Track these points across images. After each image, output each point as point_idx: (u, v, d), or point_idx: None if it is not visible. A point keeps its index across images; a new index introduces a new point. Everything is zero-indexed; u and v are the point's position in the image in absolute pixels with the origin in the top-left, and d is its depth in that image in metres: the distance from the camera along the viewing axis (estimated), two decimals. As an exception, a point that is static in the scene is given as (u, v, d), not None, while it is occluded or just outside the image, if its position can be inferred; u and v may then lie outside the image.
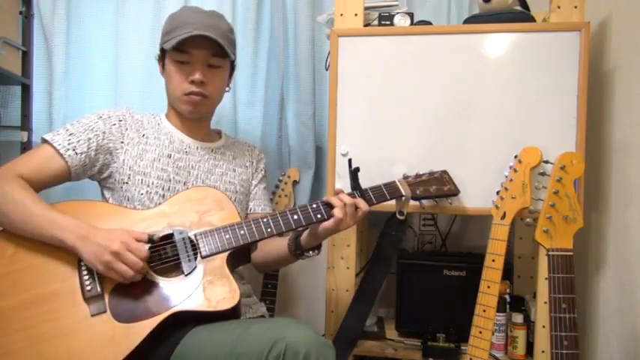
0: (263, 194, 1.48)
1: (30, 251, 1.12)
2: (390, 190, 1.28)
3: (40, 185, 1.21)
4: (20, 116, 1.87)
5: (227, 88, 1.40)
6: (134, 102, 1.86)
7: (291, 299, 2.05)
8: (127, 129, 1.30)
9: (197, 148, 1.36)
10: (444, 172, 1.37)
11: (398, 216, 1.33)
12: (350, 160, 1.28)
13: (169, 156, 1.31)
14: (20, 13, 1.84)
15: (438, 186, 1.32)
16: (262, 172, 1.50)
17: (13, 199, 1.13)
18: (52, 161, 1.22)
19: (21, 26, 1.84)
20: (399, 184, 1.30)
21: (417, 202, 1.37)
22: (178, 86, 1.30)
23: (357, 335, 1.47)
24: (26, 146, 1.85)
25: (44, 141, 1.24)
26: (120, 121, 1.30)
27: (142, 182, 1.26)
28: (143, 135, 1.32)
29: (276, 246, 1.33)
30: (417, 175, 1.35)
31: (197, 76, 1.27)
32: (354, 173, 1.25)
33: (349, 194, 1.22)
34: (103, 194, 1.33)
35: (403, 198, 1.29)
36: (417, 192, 1.30)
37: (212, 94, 1.33)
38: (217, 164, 1.38)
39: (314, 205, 1.21)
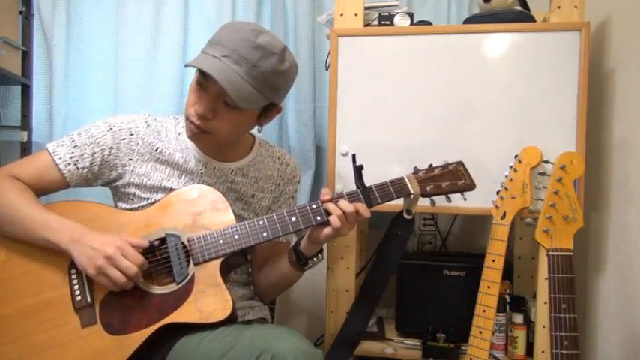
0: None
1: (23, 256, 1.10)
2: (397, 188, 1.17)
3: (38, 192, 1.17)
4: (20, 116, 1.87)
5: (258, 128, 1.23)
6: (134, 102, 1.86)
7: (290, 300, 2.04)
8: (137, 144, 1.20)
9: (214, 169, 1.23)
10: (460, 163, 1.23)
11: (405, 215, 1.24)
12: (354, 156, 1.20)
13: (180, 177, 1.22)
14: (20, 13, 1.84)
15: (451, 181, 1.20)
16: (290, 194, 1.36)
17: (5, 201, 1.10)
18: (52, 172, 1.17)
19: (21, 26, 1.85)
20: (407, 180, 1.18)
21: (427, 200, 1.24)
22: (188, 106, 1.15)
23: (359, 336, 1.47)
24: (26, 146, 1.85)
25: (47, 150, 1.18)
26: (131, 135, 1.20)
27: (147, 200, 1.20)
28: (157, 149, 1.21)
29: (277, 267, 1.27)
30: (429, 169, 1.22)
31: (197, 108, 1.11)
32: (358, 170, 1.17)
33: (351, 193, 1.16)
34: (112, 197, 1.28)
35: (411, 196, 1.19)
36: (427, 189, 1.18)
37: (218, 133, 1.14)
38: (233, 188, 1.26)
39: (313, 206, 1.14)
